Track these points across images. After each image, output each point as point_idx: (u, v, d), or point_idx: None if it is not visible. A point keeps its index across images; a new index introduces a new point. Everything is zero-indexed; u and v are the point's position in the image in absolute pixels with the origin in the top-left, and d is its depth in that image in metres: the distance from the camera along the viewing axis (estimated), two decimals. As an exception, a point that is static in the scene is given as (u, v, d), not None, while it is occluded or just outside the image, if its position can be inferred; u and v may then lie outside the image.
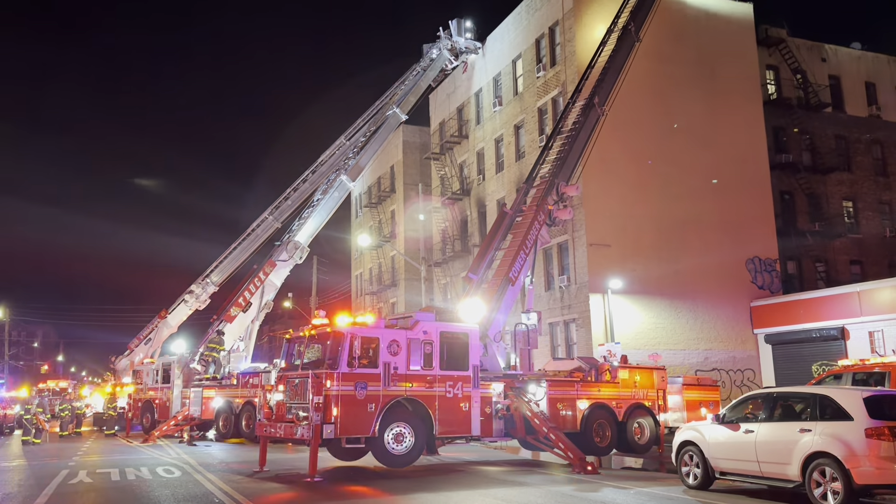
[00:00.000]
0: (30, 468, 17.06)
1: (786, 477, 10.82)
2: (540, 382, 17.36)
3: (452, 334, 16.16)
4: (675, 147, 31.35)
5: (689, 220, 30.87)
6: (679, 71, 31.97)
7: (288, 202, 34.53)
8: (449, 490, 12.61)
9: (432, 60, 36.13)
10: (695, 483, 12.46)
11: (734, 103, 33.00)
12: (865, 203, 36.76)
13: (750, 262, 32.06)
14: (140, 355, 34.90)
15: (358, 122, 35.10)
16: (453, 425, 15.65)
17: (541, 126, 33.27)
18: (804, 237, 34.44)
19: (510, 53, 36.40)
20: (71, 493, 12.64)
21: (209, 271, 35.14)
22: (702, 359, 30.20)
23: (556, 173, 21.36)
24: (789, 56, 36.11)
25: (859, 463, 9.84)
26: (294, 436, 14.57)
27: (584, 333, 29.08)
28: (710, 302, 30.70)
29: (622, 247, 29.41)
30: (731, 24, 33.88)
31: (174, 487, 12.95)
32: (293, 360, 15.96)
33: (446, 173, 42.06)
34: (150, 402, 29.45)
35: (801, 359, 28.65)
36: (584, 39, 30.55)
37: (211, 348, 29.21)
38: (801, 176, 35.30)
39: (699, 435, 12.52)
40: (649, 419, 18.64)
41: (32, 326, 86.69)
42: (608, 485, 13.34)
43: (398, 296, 46.30)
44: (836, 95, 37.39)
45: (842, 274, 34.69)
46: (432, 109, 44.82)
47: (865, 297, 26.96)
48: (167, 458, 18.31)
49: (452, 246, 40.52)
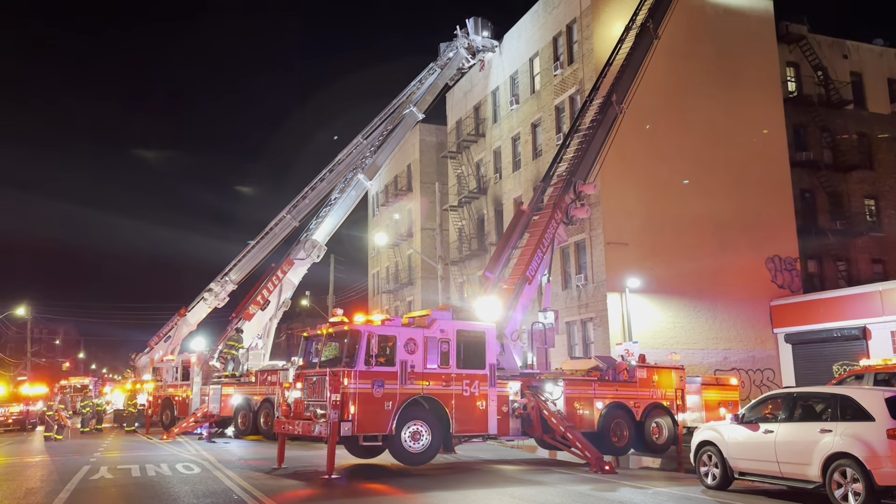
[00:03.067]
0: (52, 464, 17.28)
1: (806, 478, 10.73)
2: (557, 381, 17.31)
3: (469, 333, 16.15)
4: (695, 145, 31.12)
5: (708, 218, 30.63)
6: (698, 68, 31.72)
7: (306, 201, 34.69)
8: (466, 488, 12.61)
9: (449, 59, 36.12)
10: (713, 483, 12.38)
11: (754, 101, 32.70)
12: (888, 201, 36.28)
13: (770, 261, 31.77)
14: (160, 353, 35.18)
15: (375, 120, 35.20)
16: (470, 424, 15.64)
17: (558, 124, 33.16)
18: (825, 236, 34.06)
19: (527, 51, 36.30)
20: (92, 489, 12.79)
21: (228, 270, 35.38)
22: (721, 358, 29.97)
23: (573, 171, 21.28)
24: (810, 53, 35.71)
25: (881, 464, 9.73)
26: (312, 433, 14.63)
27: (601, 332, 28.96)
28: (730, 301, 30.45)
29: (640, 245, 29.24)
30: (750, 21, 33.56)
31: (194, 484, 13.06)
32: (311, 357, 16.04)
33: (463, 172, 42.04)
34: (170, 399, 29.71)
35: (822, 359, 28.37)
36: (601, 37, 30.40)
37: (230, 346, 29.45)
38: (822, 174, 34.90)
39: (718, 435, 12.44)
40: (667, 419, 18.51)
41: (54, 324, 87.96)
42: (626, 484, 13.28)
43: (415, 294, 46.37)
44: (857, 92, 36.91)
45: (863, 273, 34.27)
46: (449, 108, 44.81)
47: (887, 297, 26.61)
48: (186, 455, 18.47)
49: (469, 244, 40.51)
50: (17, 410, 35.60)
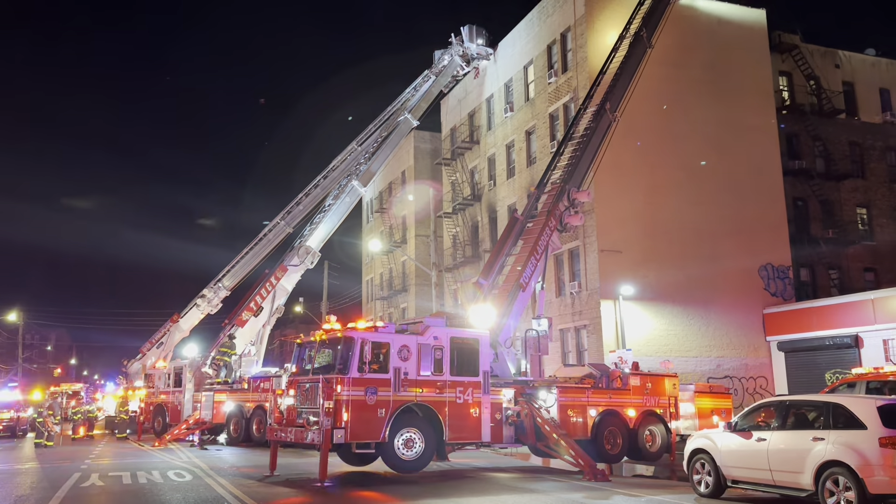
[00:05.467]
0: (42, 471, 17.15)
1: (798, 486, 10.74)
2: (550, 389, 17.31)
3: (463, 340, 16.15)
4: (688, 153, 31.24)
5: (701, 226, 30.74)
6: (691, 77, 31.88)
7: (300, 207, 34.66)
8: (459, 496, 12.58)
9: (444, 66, 36.20)
10: (706, 491, 12.38)
11: (747, 109, 32.86)
12: (880, 210, 36.48)
13: (763, 269, 31.87)
14: (152, 359, 35.06)
15: (370, 127, 35.22)
16: (463, 431, 15.62)
17: (552, 132, 33.26)
18: (817, 244, 34.20)
19: (522, 59, 36.42)
20: (83, 496, 12.71)
21: (221, 276, 35.30)
22: (714, 366, 30.02)
23: (567, 179, 21.36)
24: (802, 62, 35.93)
25: (873, 472, 9.75)
26: (304, 440, 14.60)
27: (595, 340, 28.98)
28: (723, 309, 30.52)
29: (634, 253, 29.31)
30: (743, 31, 33.76)
31: (185, 491, 13.00)
32: (304, 364, 16.01)
33: (457, 179, 42.10)
34: (162, 405, 29.58)
35: (815, 367, 28.45)
36: (595, 45, 30.53)
37: (222, 352, 29.35)
38: (815, 182, 35.08)
39: (711, 443, 12.44)
40: (661, 426, 18.53)
41: (46, 330, 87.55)
42: (619, 492, 13.26)
43: (409, 301, 46.34)
44: (849, 102, 37.17)
45: (856, 281, 34.42)
46: (444, 115, 44.90)
47: (880, 305, 26.72)
48: (178, 462, 18.38)
49: (463, 251, 40.53)
50: (7, 417, 35.34)
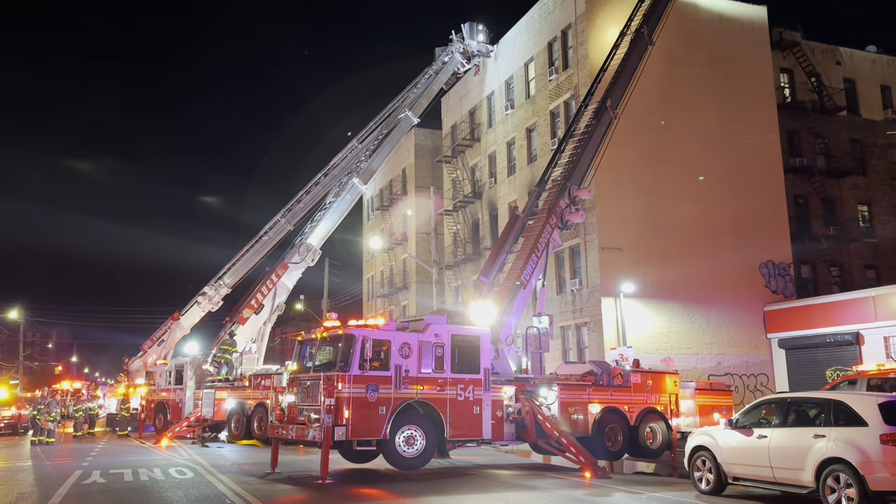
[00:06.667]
0: (44, 468, 17.18)
1: (799, 483, 10.74)
2: (551, 386, 17.30)
3: (464, 337, 16.14)
4: (689, 150, 31.21)
5: (702, 223, 30.72)
6: (692, 74, 31.83)
7: (300, 205, 34.66)
8: (460, 493, 12.59)
9: (444, 64, 36.11)
10: (707, 488, 12.39)
11: (748, 106, 32.83)
12: (881, 207, 36.45)
13: (764, 266, 31.86)
14: (153, 357, 35.09)
15: (370, 125, 35.21)
16: (464, 428, 15.62)
17: (553, 129, 33.23)
18: (818, 241, 34.18)
19: (522, 56, 36.38)
20: (85, 494, 12.72)
21: (222, 273, 35.32)
22: (715, 363, 30.02)
23: (568, 176, 21.33)
24: (804, 59, 35.88)
25: (874, 469, 9.75)
26: (305, 437, 14.60)
27: (595, 337, 28.99)
28: (724, 306, 30.51)
29: (635, 250, 29.30)
30: (744, 27, 33.71)
31: (187, 488, 13.01)
32: (305, 362, 16.00)
33: (458, 176, 42.06)
34: (163, 403, 29.59)
35: (816, 364, 28.43)
36: (596, 43, 30.49)
37: (223, 350, 29.35)
38: (816, 180, 35.05)
39: (712, 440, 12.44)
40: (661, 424, 18.53)
41: (47, 328, 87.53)
42: (620, 489, 13.27)
43: (409, 299, 46.33)
44: (850, 99, 37.12)
45: (857, 278, 34.40)
46: (444, 112, 44.85)
47: (881, 302, 26.70)
48: (179, 460, 18.39)
49: (464, 249, 40.51)
50: (9, 414, 35.43)
